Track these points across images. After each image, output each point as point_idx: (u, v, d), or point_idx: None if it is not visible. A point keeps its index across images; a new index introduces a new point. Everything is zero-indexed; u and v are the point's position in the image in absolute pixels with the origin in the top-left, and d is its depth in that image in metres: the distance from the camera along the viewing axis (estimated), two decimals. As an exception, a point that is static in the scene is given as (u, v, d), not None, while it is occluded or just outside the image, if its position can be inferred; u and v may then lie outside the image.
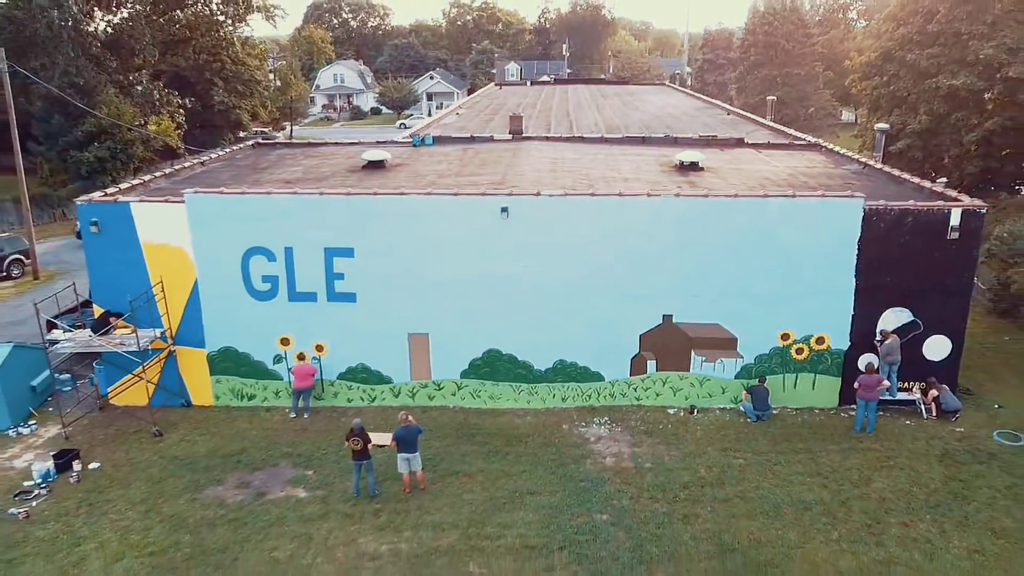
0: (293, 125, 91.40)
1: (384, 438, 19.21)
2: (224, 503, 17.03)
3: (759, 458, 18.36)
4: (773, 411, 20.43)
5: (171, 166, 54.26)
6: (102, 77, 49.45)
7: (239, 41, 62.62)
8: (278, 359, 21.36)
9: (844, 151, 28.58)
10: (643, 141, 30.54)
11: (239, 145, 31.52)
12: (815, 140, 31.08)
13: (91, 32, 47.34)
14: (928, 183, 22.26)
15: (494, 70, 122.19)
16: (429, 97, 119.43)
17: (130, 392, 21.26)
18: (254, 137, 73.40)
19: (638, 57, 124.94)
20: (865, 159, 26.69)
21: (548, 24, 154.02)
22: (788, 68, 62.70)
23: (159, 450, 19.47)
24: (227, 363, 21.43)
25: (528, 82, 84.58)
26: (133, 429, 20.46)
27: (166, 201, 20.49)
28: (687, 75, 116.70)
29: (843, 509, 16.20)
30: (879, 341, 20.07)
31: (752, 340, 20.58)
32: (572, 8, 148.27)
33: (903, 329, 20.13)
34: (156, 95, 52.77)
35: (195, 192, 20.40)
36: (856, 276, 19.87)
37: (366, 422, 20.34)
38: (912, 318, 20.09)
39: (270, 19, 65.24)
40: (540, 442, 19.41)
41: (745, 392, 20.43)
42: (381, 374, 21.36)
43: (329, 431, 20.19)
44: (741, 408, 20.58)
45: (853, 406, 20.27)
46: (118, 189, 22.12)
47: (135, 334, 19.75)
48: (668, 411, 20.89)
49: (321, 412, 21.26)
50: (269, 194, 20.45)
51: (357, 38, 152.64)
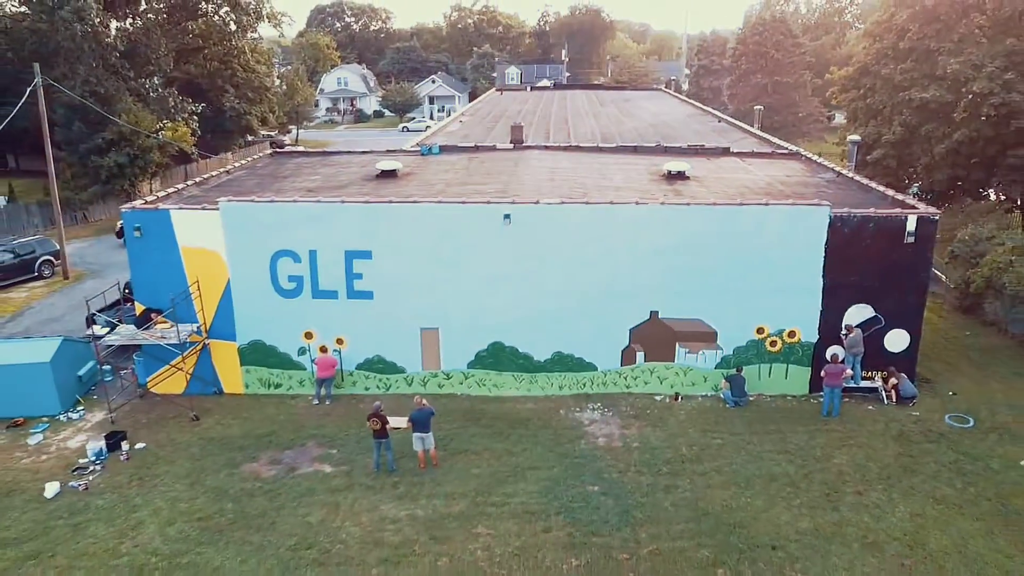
0: (299, 129, 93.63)
1: (401, 421, 21.40)
2: (259, 476, 19.25)
3: (735, 438, 20.60)
4: (750, 398, 22.66)
5: (185, 172, 57.06)
6: (120, 85, 51.66)
7: (249, 49, 64.76)
8: (302, 351, 23.57)
9: (822, 160, 30.83)
10: (635, 150, 32.76)
11: (259, 154, 33.74)
12: (796, 150, 33.33)
13: (110, 43, 49.45)
14: (892, 192, 24.52)
15: (495, 74, 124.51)
16: (431, 100, 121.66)
17: (167, 382, 23.47)
18: (263, 141, 75.80)
19: (636, 61, 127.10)
20: (840, 168, 28.92)
21: (547, 27, 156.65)
22: (778, 76, 65.10)
23: (197, 432, 21.68)
24: (256, 355, 23.64)
25: (528, 87, 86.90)
26: (172, 415, 22.66)
27: (203, 208, 22.70)
28: (684, 78, 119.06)
29: (805, 481, 18.45)
30: (844, 335, 22.31)
31: (730, 333, 22.82)
32: (571, 12, 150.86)
33: (866, 324, 22.36)
34: (172, 102, 54.97)
35: (228, 200, 22.63)
36: (823, 276, 22.10)
37: (383, 408, 22.72)
38: (874, 314, 22.31)
39: (277, 27, 67.33)
40: (539, 425, 21.64)
41: (724, 380, 22.62)
42: (396, 365, 23.58)
43: (349, 415, 22.39)
44: (721, 395, 22.79)
45: (821, 393, 22.49)
46: (157, 197, 24.35)
47: (175, 328, 21.98)
48: (655, 398, 23.12)
49: (341, 399, 23.46)
50: (296, 202, 22.68)
51: (359, 42, 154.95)
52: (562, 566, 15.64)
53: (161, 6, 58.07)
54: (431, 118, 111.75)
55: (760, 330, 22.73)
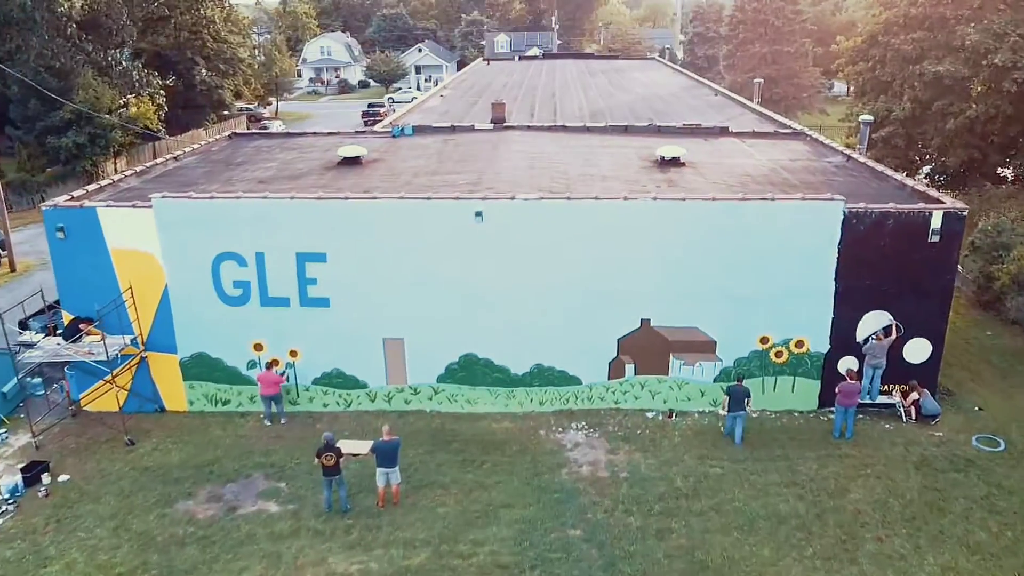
0: (279, 101, 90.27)
1: (361, 446, 18.97)
2: (194, 519, 16.83)
3: (736, 466, 18.21)
4: (753, 414, 20.23)
5: (154, 150, 54.02)
6: (79, 58, 48.53)
7: (220, 18, 61.40)
8: (252, 364, 21.06)
9: (828, 141, 28.21)
10: (625, 130, 30.04)
11: (215, 137, 30.94)
12: (800, 128, 30.66)
13: (64, 12, 46.18)
14: (910, 181, 21.98)
15: (483, 42, 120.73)
16: (418, 70, 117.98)
17: (103, 398, 20.97)
18: (240, 115, 72.61)
19: (628, 28, 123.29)
20: (849, 151, 26.31)
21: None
22: (778, 46, 61.89)
23: (131, 460, 19.22)
24: (200, 369, 21.13)
25: (516, 57, 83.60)
26: (105, 438, 20.16)
27: (133, 206, 20.03)
28: (678, 46, 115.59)
29: (818, 523, 16.09)
30: (875, 339, 19.76)
31: (731, 343, 20.36)
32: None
33: (882, 333, 19.91)
34: (136, 76, 51.84)
35: (163, 197, 19.96)
36: (836, 279, 19.61)
37: (342, 427, 20.31)
38: (892, 321, 19.85)
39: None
40: (516, 450, 19.23)
41: (726, 396, 20.10)
42: (356, 379, 21.10)
43: (304, 438, 19.94)
44: (720, 412, 20.37)
45: (832, 409, 20.13)
46: (85, 192, 21.64)
47: (103, 342, 19.43)
48: (647, 415, 20.71)
49: (296, 418, 21.00)
50: (239, 198, 20.03)
51: (345, 8, 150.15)
52: (536, 641, 13.32)
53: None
54: (418, 88, 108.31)
55: (764, 339, 20.26)
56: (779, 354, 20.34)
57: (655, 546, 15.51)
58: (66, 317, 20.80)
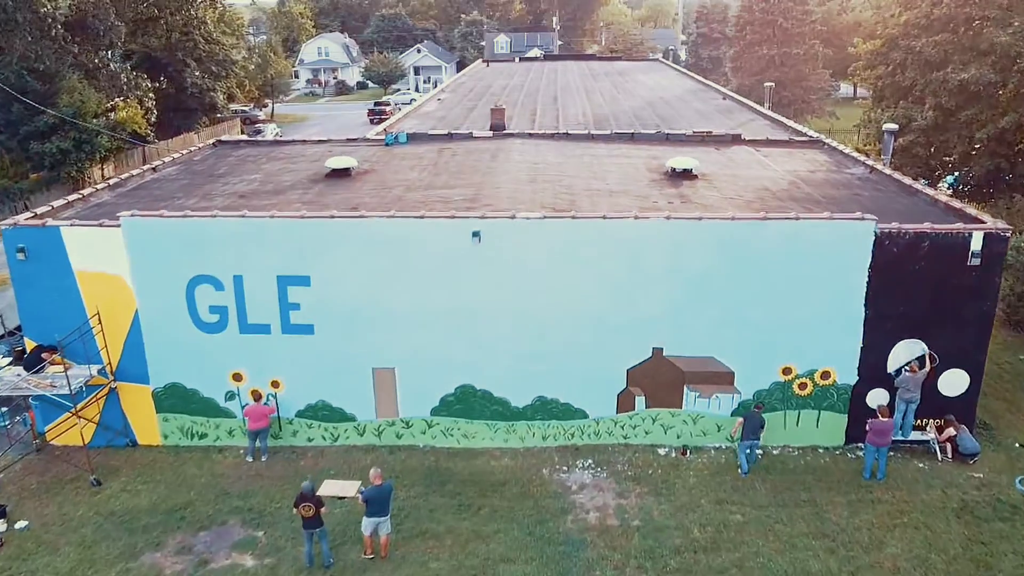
0: (275, 103, 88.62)
1: (347, 487, 17.43)
2: (161, 574, 15.20)
3: (759, 513, 16.56)
4: (774, 451, 18.59)
5: (144, 155, 52.30)
6: (66, 60, 46.88)
7: (212, 19, 59.69)
8: (231, 396, 19.42)
9: (847, 150, 26.54)
10: (632, 138, 28.39)
11: (199, 145, 29.26)
12: (816, 136, 29.00)
13: (49, 13, 44.48)
14: (943, 196, 20.32)
15: (483, 43, 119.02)
16: (416, 71, 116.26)
17: (71, 432, 19.29)
18: (234, 117, 70.89)
19: (630, 29, 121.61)
20: (872, 162, 24.65)
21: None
22: (786, 48, 60.03)
23: (97, 503, 17.59)
24: (174, 400, 19.49)
25: (517, 58, 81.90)
26: (70, 476, 18.54)
27: (100, 225, 18.40)
28: (680, 46, 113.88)
29: (853, 583, 14.47)
30: (906, 370, 18.14)
31: (750, 374, 18.70)
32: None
33: (916, 363, 18.27)
34: (124, 78, 50.15)
35: (132, 215, 18.32)
36: (865, 305, 17.97)
37: (327, 464, 18.74)
38: (926, 350, 18.21)
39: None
40: (517, 492, 17.58)
41: (740, 421, 18.42)
42: (344, 411, 19.45)
43: (286, 477, 18.32)
44: (734, 444, 18.71)
45: (859, 444, 18.55)
46: (50, 208, 19.99)
47: (67, 374, 17.79)
48: (658, 451, 19.06)
49: (279, 453, 19.36)
50: (215, 216, 18.37)
51: (343, 8, 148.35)
52: None
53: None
54: (416, 90, 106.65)
55: (787, 370, 18.61)
56: (803, 386, 18.69)
57: (672, 611, 13.90)
58: (28, 345, 19.18)
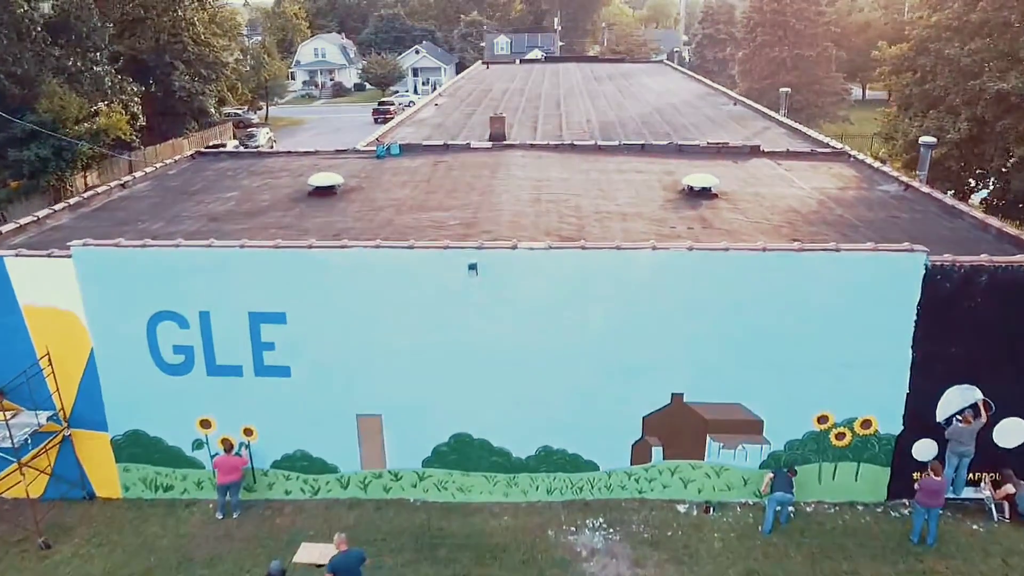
0: (270, 105, 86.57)
1: (326, 553, 15.32)
2: (107, 667, 13.15)
3: (795, 588, 14.51)
4: (808, 508, 16.53)
5: (130, 162, 50.22)
6: (46, 63, 44.77)
7: (201, 20, 57.54)
8: (198, 444, 17.36)
9: (876, 164, 24.46)
10: (642, 149, 26.31)
11: (176, 157, 27.17)
12: (840, 147, 26.89)
13: (27, 14, 42.37)
14: (994, 221, 18.25)
15: (483, 44, 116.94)
16: (415, 72, 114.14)
17: (21, 484, 17.20)
18: (227, 121, 68.70)
19: (633, 29, 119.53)
20: (906, 179, 22.57)
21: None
22: (799, 50, 57.76)
23: (43, 570, 15.55)
24: (136, 449, 17.44)
25: (517, 59, 79.83)
26: (17, 537, 16.50)
27: (49, 255, 16.32)
28: (683, 46, 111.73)
29: None
30: (957, 420, 16.08)
31: (781, 423, 16.63)
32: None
33: (971, 412, 16.19)
34: (108, 82, 48.03)
35: (84, 244, 16.23)
36: (912, 346, 15.89)
37: (306, 524, 16.72)
38: (981, 398, 16.13)
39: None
40: (519, 560, 15.50)
41: (770, 475, 16.39)
42: (324, 462, 17.38)
43: (258, 538, 16.29)
44: (763, 500, 16.66)
45: (903, 501, 16.53)
46: (-2, 234, 17.94)
47: (7, 423, 15.73)
48: (678, 508, 16.98)
49: (253, 508, 17.30)
50: (178, 246, 16.28)
51: (341, 8, 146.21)
52: None
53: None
54: (415, 92, 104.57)
55: (822, 418, 16.52)
56: (840, 436, 16.60)
57: None
58: (-29, 388, 17.11)
